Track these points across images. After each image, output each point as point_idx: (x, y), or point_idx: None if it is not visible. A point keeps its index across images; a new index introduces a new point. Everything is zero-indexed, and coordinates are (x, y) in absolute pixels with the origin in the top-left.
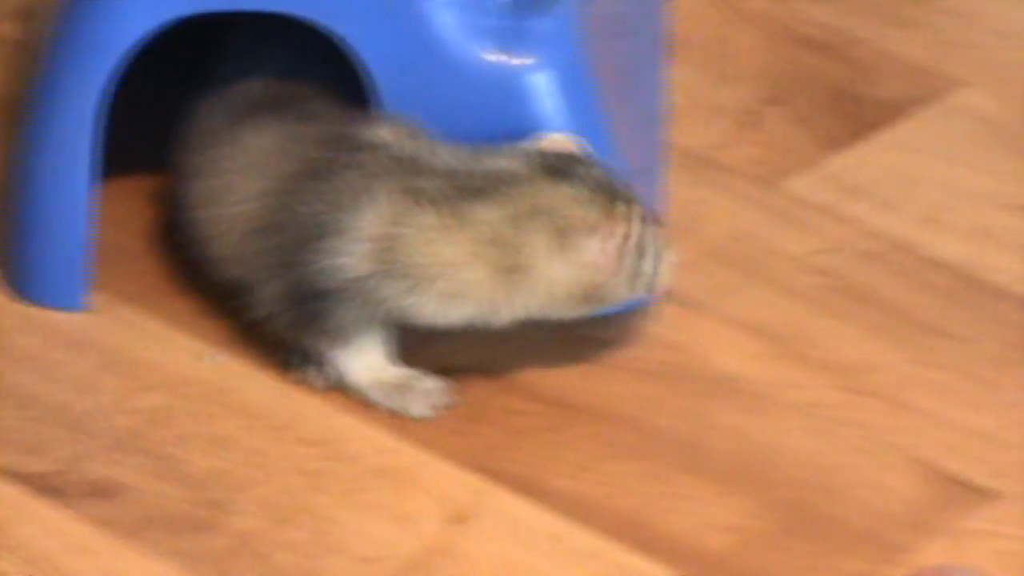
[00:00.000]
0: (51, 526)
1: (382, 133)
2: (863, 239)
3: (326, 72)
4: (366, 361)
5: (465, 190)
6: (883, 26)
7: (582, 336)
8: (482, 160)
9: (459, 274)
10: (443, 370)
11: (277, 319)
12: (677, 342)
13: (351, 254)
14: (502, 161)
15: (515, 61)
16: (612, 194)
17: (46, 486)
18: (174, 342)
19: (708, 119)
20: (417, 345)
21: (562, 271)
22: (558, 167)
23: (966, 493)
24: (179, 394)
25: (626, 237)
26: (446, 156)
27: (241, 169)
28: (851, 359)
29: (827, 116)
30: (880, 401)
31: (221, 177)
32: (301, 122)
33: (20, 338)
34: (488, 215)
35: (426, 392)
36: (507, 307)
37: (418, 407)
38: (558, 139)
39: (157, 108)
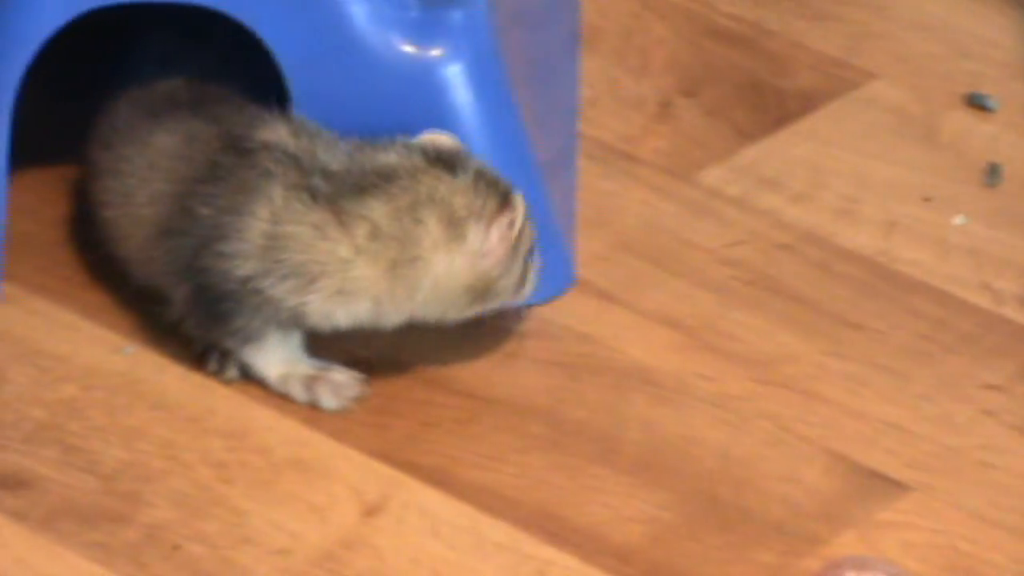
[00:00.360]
0: None
1: (279, 132)
2: (775, 231)
3: (250, 73)
4: (276, 357)
5: (356, 186)
6: (796, 18)
7: (494, 328)
8: (375, 156)
9: (348, 271)
10: (354, 362)
11: (187, 321)
12: (589, 334)
13: (241, 255)
14: (391, 156)
15: (427, 52)
16: (498, 185)
17: None
18: (87, 333)
19: (620, 111)
20: (328, 338)
21: (453, 262)
22: (445, 159)
23: (878, 485)
24: (91, 385)
25: (515, 226)
26: (341, 154)
27: (145, 170)
28: (763, 351)
29: (739, 108)
30: (792, 393)
31: (127, 178)
32: (208, 124)
33: None
34: (377, 209)
35: (337, 385)
36: (398, 304)
37: (329, 400)
38: (439, 135)
39: (72, 97)
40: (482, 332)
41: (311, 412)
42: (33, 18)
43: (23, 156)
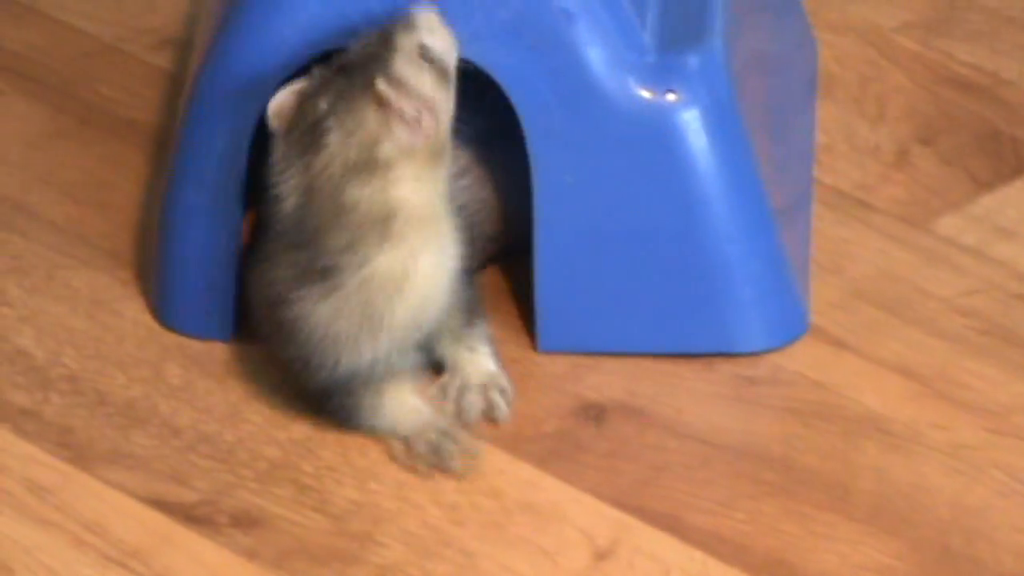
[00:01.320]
0: (196, 555)
1: None
2: (1011, 281)
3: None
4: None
5: None
6: None
7: (727, 373)
8: None
9: None
10: (584, 407)
11: None
12: (822, 381)
13: None
14: None
15: (663, 97)
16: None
17: (191, 515)
18: None
19: (856, 158)
20: (558, 383)
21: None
22: None
23: None
24: (323, 426)
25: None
26: None
27: None
28: (997, 400)
29: (976, 157)
30: None
31: None
32: None
33: (167, 368)
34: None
35: (441, 448)
36: None
37: (428, 461)
38: None
39: None
40: (715, 377)
41: (542, 455)
42: (272, 59)
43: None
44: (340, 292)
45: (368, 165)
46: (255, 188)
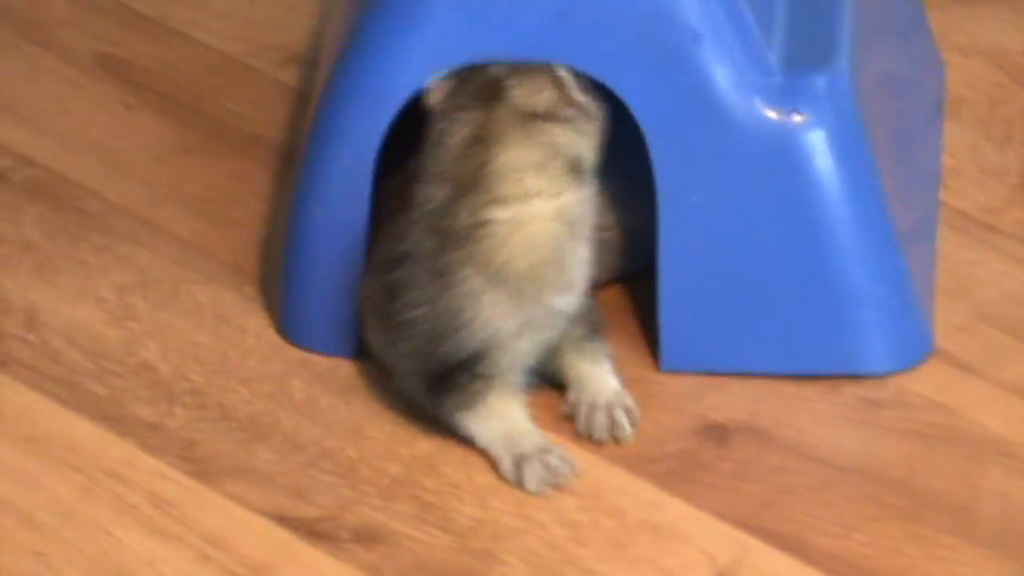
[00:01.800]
0: (318, 571)
1: None
2: None
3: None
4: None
5: None
6: None
7: (851, 395)
8: None
9: None
10: (708, 428)
11: None
12: (946, 404)
13: None
14: None
15: (790, 118)
16: None
17: (314, 531)
18: None
19: (983, 181)
20: (682, 401)
21: None
22: None
23: None
24: (447, 443)
25: None
26: None
27: None
28: None
29: None
30: None
31: None
32: None
33: (291, 383)
34: None
35: (549, 467)
36: None
37: (534, 482)
38: None
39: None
40: (839, 399)
41: (663, 474)
42: (400, 74)
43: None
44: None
45: (549, 116)
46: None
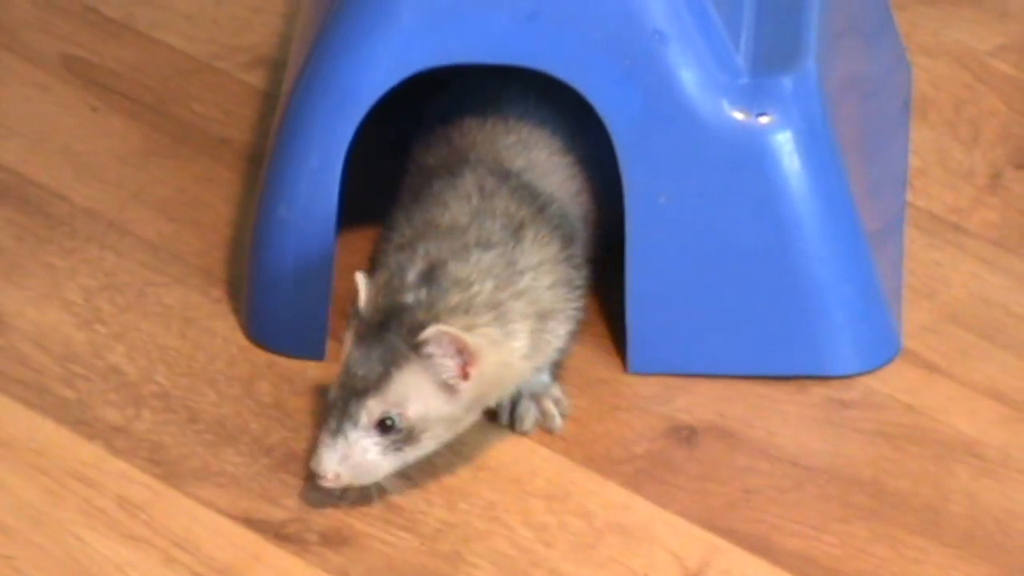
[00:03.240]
0: (285, 573)
1: None
2: None
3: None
4: None
5: None
6: None
7: (819, 396)
8: None
9: None
10: (675, 428)
11: None
12: (914, 404)
13: None
14: None
15: (756, 120)
16: None
17: (281, 533)
18: None
19: (950, 182)
20: (650, 401)
21: None
22: None
23: None
24: None
25: None
26: None
27: None
28: None
29: None
30: None
31: None
32: None
33: (259, 385)
34: None
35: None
36: None
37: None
38: None
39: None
40: (807, 400)
41: (631, 477)
42: (367, 77)
43: (351, 216)
44: None
45: None
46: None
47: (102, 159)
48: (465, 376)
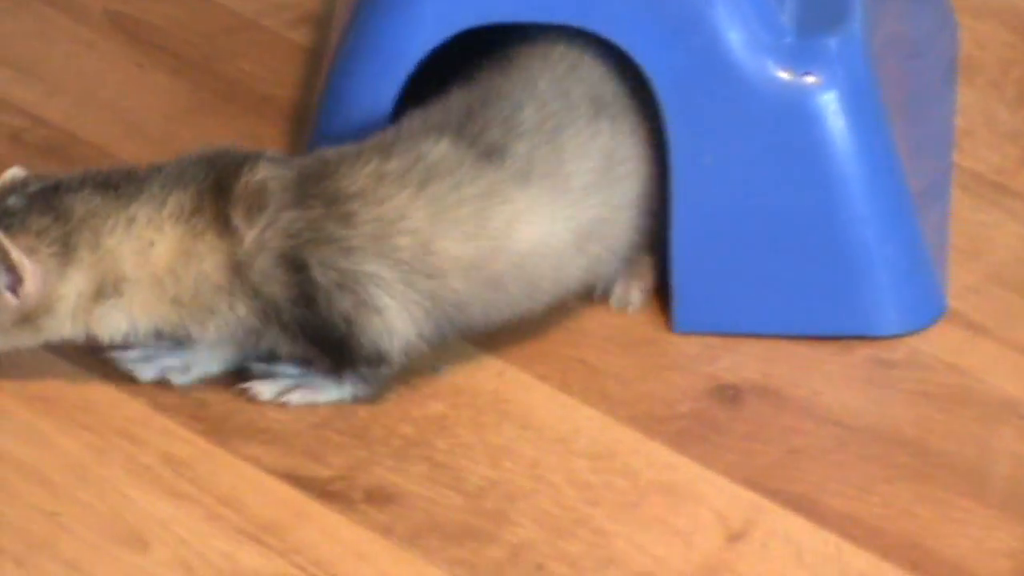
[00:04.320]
0: (330, 531)
1: None
2: None
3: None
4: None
5: None
6: None
7: (863, 356)
8: None
9: None
10: (720, 388)
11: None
12: (959, 365)
13: None
14: None
15: (802, 79)
16: None
17: (326, 491)
18: (455, 351)
19: (996, 143)
20: (695, 361)
21: None
22: None
23: None
24: (459, 404)
25: None
26: None
27: None
28: None
29: None
30: None
31: None
32: None
33: None
34: None
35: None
36: None
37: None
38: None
39: None
40: (851, 360)
41: (678, 435)
42: (412, 35)
43: None
44: None
45: None
46: None
47: (147, 116)
48: (13, 291)
